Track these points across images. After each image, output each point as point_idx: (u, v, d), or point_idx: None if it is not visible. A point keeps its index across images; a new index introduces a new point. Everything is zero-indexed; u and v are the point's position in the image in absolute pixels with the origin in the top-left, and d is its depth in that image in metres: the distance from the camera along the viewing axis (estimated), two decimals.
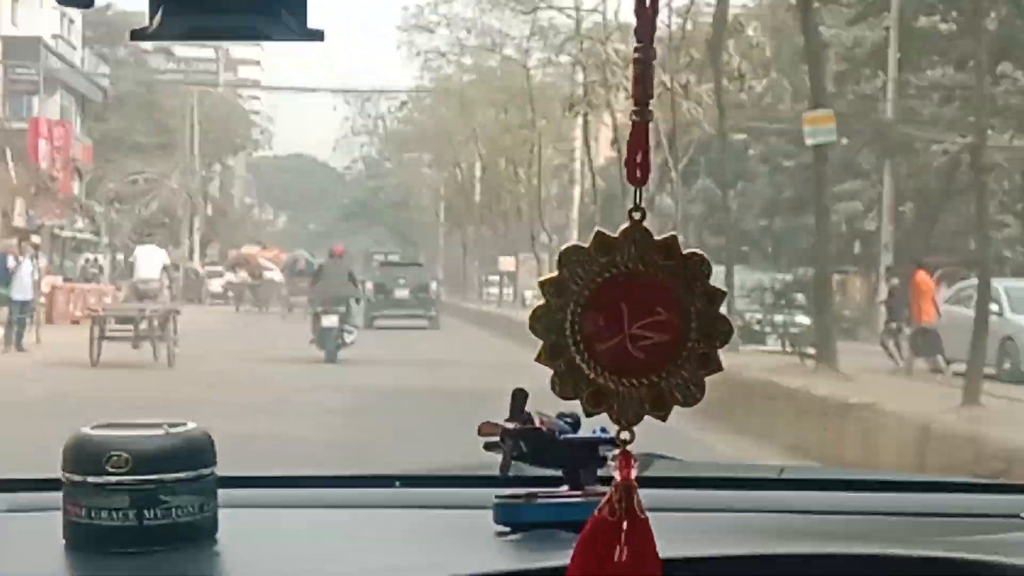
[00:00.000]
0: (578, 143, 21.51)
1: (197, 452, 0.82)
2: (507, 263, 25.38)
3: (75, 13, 28.02)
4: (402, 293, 19.00)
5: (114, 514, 0.79)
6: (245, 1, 0.42)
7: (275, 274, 25.46)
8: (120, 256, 26.47)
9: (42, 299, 13.82)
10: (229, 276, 27.08)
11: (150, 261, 13.43)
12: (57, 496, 0.82)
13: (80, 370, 10.53)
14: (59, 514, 0.81)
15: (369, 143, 35.91)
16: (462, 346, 15.05)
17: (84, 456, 0.80)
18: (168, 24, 0.42)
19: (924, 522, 0.99)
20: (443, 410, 7.39)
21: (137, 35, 0.42)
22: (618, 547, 0.44)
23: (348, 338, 12.04)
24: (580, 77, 18.62)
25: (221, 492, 0.83)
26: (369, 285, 18.59)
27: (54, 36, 27.65)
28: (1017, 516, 0.96)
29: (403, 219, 42.25)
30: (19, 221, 21.51)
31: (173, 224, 30.44)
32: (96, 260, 25.20)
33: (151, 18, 0.43)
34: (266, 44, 0.55)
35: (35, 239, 24.95)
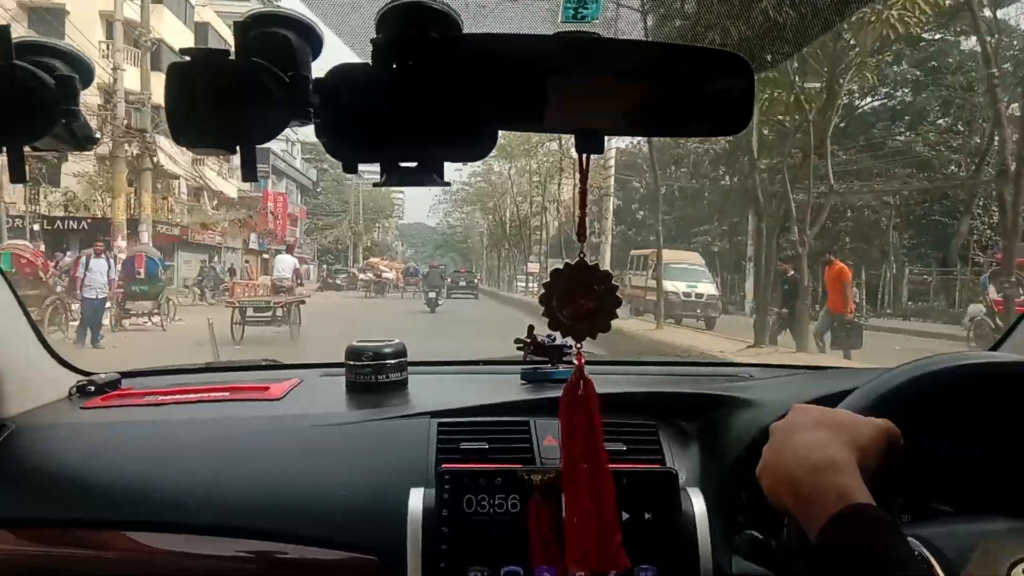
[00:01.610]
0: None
1: (399, 351, 1.61)
2: (532, 268, 37.72)
3: (294, 137, 46.71)
4: (462, 283, 38.11)
5: (366, 377, 1.59)
6: (425, 167, 0.84)
7: (390, 274, 38.35)
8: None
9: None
10: (360, 276, 40.18)
11: (284, 265, 16.84)
12: (342, 370, 1.63)
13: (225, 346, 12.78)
14: (343, 378, 1.62)
15: (449, 205, 56.21)
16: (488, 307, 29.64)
17: (354, 352, 1.61)
18: (388, 178, 0.89)
19: (697, 378, 1.77)
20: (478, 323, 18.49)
21: (377, 185, 0.99)
22: (579, 390, 1.02)
23: (440, 302, 24.55)
24: None
25: (411, 367, 1.64)
26: (448, 280, 35.45)
27: (283, 150, 46.58)
28: (748, 377, 1.74)
29: (464, 248, 76.65)
30: (253, 245, 39.55)
31: (344, 250, 54.93)
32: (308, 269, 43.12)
33: (381, 175, 0.98)
34: None
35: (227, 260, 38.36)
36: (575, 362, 1.03)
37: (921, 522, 1.08)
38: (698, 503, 1.23)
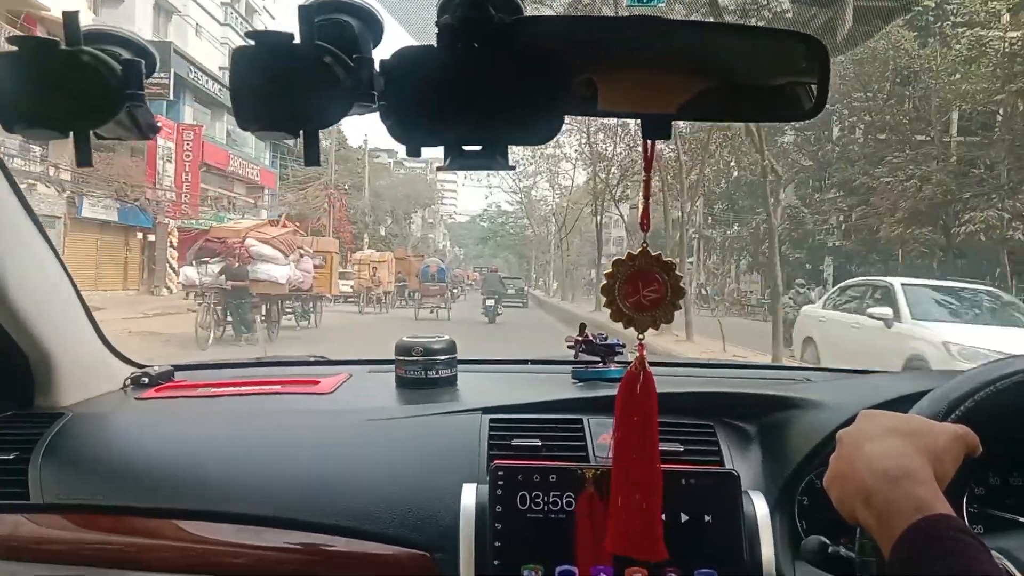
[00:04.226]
0: None
1: (450, 347, 1.60)
2: None
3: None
4: (510, 291, 32.73)
5: (415, 373, 1.59)
6: (489, 150, 0.82)
7: (273, 268, 14.39)
8: None
9: None
10: (343, 285, 21.33)
11: None
12: (391, 366, 1.64)
13: None
14: (392, 373, 1.62)
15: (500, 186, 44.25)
16: None
17: (404, 348, 1.61)
18: (452, 162, 0.85)
19: (753, 380, 1.75)
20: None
21: (441, 169, 0.96)
22: (638, 384, 0.99)
23: (500, 311, 21.29)
24: None
25: (460, 364, 1.63)
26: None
27: (221, 68, 30.41)
28: (804, 380, 1.69)
29: (515, 241, 60.60)
30: (91, 212, 21.85)
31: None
32: None
33: (445, 159, 0.95)
34: None
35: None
36: (638, 353, 1.00)
37: (997, 533, 1.03)
38: (760, 506, 1.19)
